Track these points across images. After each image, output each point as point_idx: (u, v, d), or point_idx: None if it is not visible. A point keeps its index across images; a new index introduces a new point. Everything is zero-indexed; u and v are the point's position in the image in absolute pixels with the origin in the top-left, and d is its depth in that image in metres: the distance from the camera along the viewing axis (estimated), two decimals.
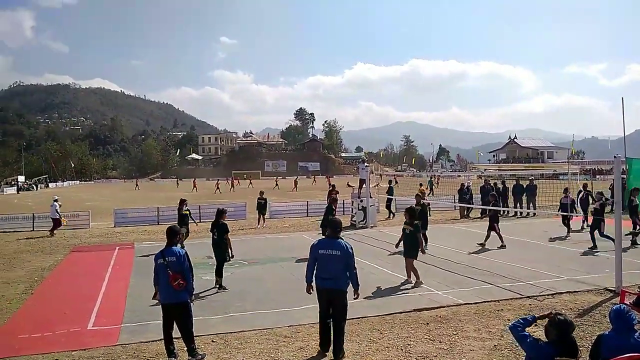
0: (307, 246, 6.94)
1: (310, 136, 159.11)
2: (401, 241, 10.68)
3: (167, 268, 6.19)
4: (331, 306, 6.34)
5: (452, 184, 29.44)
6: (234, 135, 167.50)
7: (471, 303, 8.70)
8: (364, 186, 19.95)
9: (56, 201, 20.00)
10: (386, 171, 76.33)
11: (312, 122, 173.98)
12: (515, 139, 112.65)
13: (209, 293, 9.79)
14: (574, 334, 4.40)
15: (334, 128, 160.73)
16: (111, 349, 6.86)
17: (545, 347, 4.20)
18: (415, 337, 7.04)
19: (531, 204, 21.90)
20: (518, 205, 22.50)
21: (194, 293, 6.73)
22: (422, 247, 10.42)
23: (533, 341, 4.30)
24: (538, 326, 4.48)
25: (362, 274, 11.19)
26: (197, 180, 65.88)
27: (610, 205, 15.56)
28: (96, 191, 63.97)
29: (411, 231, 10.22)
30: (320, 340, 6.54)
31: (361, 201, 19.91)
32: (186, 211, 14.92)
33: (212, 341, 7.04)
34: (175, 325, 6.32)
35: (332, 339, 6.36)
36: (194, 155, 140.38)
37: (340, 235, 6.48)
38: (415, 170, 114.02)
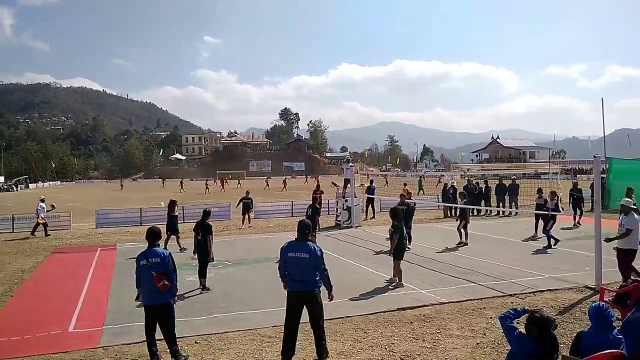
0: None
1: (295, 136, 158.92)
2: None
3: (151, 269, 6.12)
4: (306, 308, 6.24)
5: (437, 184, 29.68)
6: (218, 135, 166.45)
7: (454, 301, 8.78)
8: (349, 186, 19.99)
9: (42, 201, 19.69)
10: (371, 171, 76.54)
11: (297, 122, 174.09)
12: (497, 139, 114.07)
13: (193, 294, 9.72)
14: (555, 331, 4.48)
15: (319, 128, 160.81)
16: (92, 352, 6.78)
17: (527, 343, 4.29)
18: (399, 336, 7.08)
19: (513, 203, 22.15)
20: (500, 204, 22.75)
21: (177, 294, 6.67)
22: (392, 248, 10.35)
23: (519, 334, 4.38)
24: (519, 323, 4.54)
25: (347, 274, 11.29)
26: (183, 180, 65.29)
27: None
28: (78, 192, 63.05)
29: (392, 232, 10.30)
30: (283, 347, 6.23)
31: (346, 201, 19.95)
32: (176, 213, 14.88)
33: (196, 342, 6.99)
34: (157, 327, 6.26)
35: (315, 340, 6.30)
36: (178, 155, 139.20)
37: (309, 237, 6.38)
38: (399, 170, 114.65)
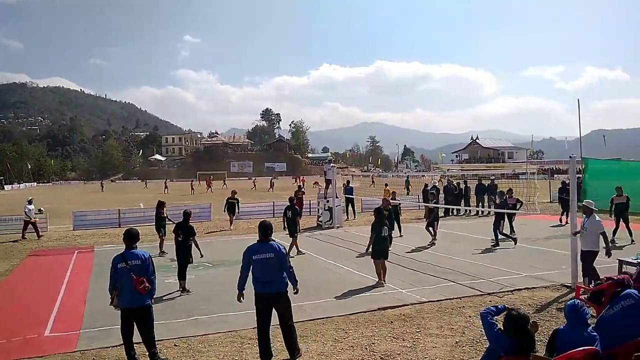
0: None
1: (276, 137, 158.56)
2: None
3: (130, 272, 6.02)
4: (275, 309, 6.24)
5: (419, 184, 29.93)
6: (199, 135, 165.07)
7: (434, 301, 8.86)
8: (330, 187, 20.02)
9: (30, 203, 19.32)
10: (353, 171, 76.87)
11: (279, 123, 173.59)
12: (477, 140, 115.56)
13: (172, 296, 9.63)
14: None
15: (301, 129, 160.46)
16: (69, 356, 6.67)
17: (505, 340, 4.37)
18: (379, 336, 7.11)
19: (492, 203, 22.42)
20: (480, 204, 23.03)
21: (156, 297, 6.60)
22: (368, 246, 10.52)
23: (498, 331, 4.46)
24: (499, 321, 4.61)
25: (328, 274, 11.32)
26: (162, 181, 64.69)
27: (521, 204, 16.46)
28: (55, 193, 61.89)
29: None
30: (260, 353, 6.23)
31: (327, 201, 19.97)
32: (165, 214, 14.74)
33: (175, 345, 6.93)
34: (136, 330, 6.18)
35: (285, 340, 6.31)
36: (157, 156, 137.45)
37: (271, 237, 6.38)
38: (381, 170, 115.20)
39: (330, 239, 16.65)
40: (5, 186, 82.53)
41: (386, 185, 22.93)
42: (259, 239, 6.34)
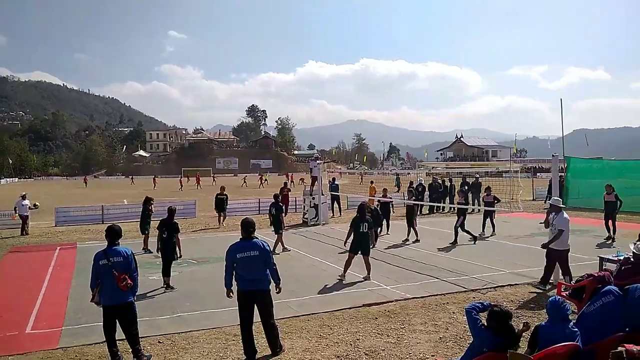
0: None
1: (262, 133, 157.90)
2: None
3: (112, 269, 5.97)
4: (257, 307, 6.25)
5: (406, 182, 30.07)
6: (184, 131, 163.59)
7: (418, 297, 8.93)
8: (316, 184, 20.01)
9: (24, 198, 18.99)
10: (338, 169, 76.91)
11: (265, 119, 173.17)
12: (461, 138, 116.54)
13: (156, 293, 9.55)
14: (514, 325, 4.63)
15: (287, 125, 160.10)
16: (51, 353, 6.59)
17: (488, 335, 4.43)
18: (364, 332, 7.14)
19: (476, 201, 22.63)
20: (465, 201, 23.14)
21: (140, 293, 6.54)
22: (346, 240, 10.81)
23: (482, 327, 4.52)
24: (482, 317, 4.67)
25: (313, 271, 11.33)
26: (148, 177, 64.11)
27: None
28: (37, 189, 60.94)
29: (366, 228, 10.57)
30: (245, 350, 6.24)
31: (313, 198, 19.97)
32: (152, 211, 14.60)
33: (159, 342, 6.88)
34: (118, 327, 6.12)
35: (267, 337, 6.33)
36: (141, 152, 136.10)
37: (254, 234, 6.37)
38: (366, 168, 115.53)
39: (315, 236, 16.67)
40: None
41: (372, 182, 22.99)
42: (242, 237, 6.32)
